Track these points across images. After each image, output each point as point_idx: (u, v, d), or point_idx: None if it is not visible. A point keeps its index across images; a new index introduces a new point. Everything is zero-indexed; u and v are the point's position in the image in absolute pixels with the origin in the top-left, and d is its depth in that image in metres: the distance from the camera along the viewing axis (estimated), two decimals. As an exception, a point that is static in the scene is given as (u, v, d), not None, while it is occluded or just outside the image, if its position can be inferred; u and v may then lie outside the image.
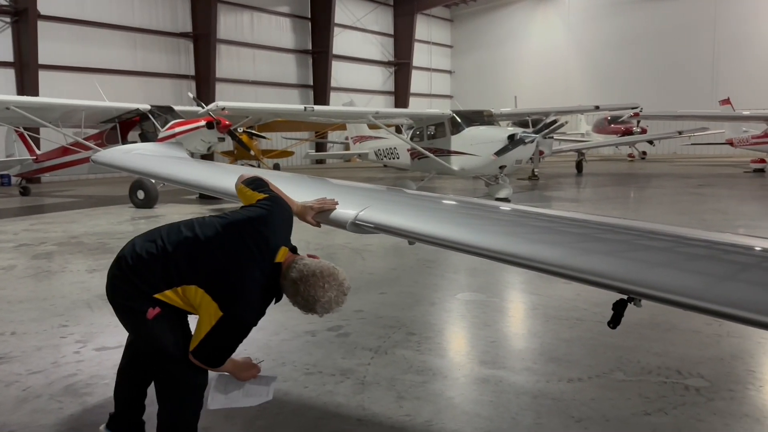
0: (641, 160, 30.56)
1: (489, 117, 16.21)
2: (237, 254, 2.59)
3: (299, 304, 2.58)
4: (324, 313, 2.59)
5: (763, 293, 1.97)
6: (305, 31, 32.27)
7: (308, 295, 2.52)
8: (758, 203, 13.78)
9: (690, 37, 33.11)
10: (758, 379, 3.92)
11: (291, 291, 2.57)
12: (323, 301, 2.53)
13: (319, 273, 2.54)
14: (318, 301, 2.52)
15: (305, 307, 2.57)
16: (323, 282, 2.52)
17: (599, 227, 2.82)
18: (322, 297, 2.52)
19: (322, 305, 2.54)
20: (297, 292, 2.54)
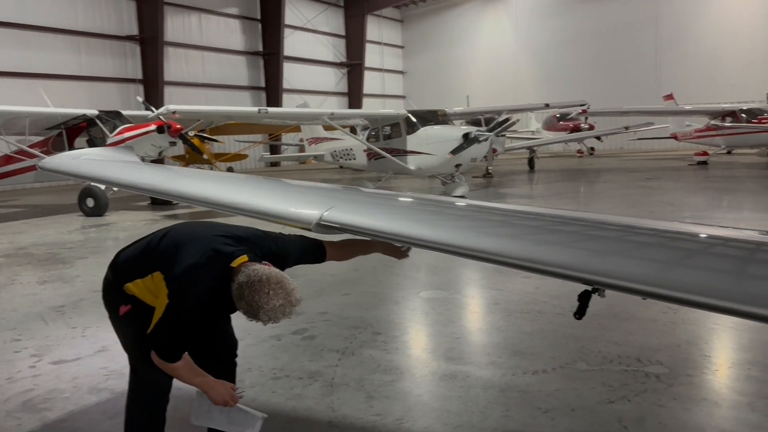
0: (590, 155, 31.34)
1: (443, 116, 16.37)
2: (199, 249, 2.64)
3: (243, 308, 2.50)
4: (268, 322, 2.50)
5: (708, 277, 2.05)
6: (255, 33, 31.92)
7: (252, 300, 2.44)
8: (703, 194, 14.31)
9: (633, 34, 34.15)
10: (713, 364, 4.07)
11: (236, 294, 2.50)
12: (267, 308, 2.44)
13: (266, 279, 2.47)
14: (261, 308, 2.44)
15: (248, 312, 2.49)
16: (269, 289, 2.45)
17: (552, 219, 2.85)
18: (266, 304, 2.44)
19: (265, 312, 2.45)
20: (241, 296, 2.47)
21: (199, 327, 2.64)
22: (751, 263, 2.26)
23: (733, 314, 1.89)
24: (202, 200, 3.51)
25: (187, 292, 2.54)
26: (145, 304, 2.66)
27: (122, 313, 2.70)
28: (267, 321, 2.49)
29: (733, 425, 3.21)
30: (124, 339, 2.83)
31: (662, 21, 33.41)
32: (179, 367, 2.56)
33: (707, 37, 32.10)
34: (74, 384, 4.06)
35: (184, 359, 2.57)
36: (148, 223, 12.22)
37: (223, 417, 2.69)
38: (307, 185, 3.87)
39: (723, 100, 25.82)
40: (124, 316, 2.71)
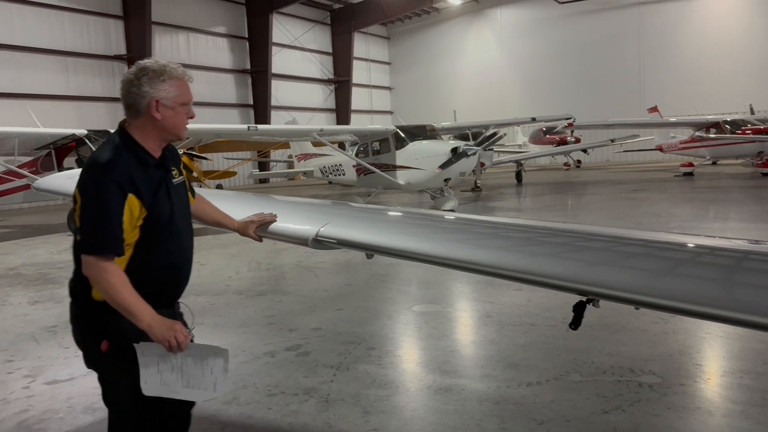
0: (576, 168, 31.58)
1: (432, 131, 16.49)
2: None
3: (166, 74, 2.26)
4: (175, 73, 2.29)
5: (698, 286, 2.10)
6: (243, 51, 32.04)
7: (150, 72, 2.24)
8: (690, 205, 14.46)
9: (617, 48, 34.58)
10: (705, 373, 4.12)
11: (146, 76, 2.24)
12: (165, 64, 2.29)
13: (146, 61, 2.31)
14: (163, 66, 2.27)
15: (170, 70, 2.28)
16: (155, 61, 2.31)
17: (542, 231, 2.89)
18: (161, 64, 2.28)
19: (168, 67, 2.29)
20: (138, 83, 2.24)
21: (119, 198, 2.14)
22: (740, 271, 2.32)
23: (724, 322, 1.94)
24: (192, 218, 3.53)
25: (90, 162, 2.22)
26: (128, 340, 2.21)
27: (104, 349, 2.24)
28: (178, 68, 2.32)
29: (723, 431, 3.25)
30: (116, 386, 2.29)
31: (645, 35, 33.89)
32: (111, 272, 2.11)
33: (690, 50, 32.59)
34: (69, 404, 4.04)
35: (117, 269, 2.14)
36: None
37: (176, 379, 2.19)
38: (299, 201, 3.91)
39: (707, 111, 26.16)
40: (108, 353, 2.24)
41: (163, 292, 2.37)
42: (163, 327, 2.13)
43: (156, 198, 2.26)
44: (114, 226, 2.13)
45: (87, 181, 2.18)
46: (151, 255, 2.29)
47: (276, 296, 6.95)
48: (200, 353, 2.21)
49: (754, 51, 30.79)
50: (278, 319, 5.99)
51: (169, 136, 2.36)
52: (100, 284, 2.13)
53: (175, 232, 2.36)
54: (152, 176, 2.28)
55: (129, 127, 2.32)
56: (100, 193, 2.13)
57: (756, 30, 30.93)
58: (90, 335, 2.28)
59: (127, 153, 2.24)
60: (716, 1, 32.16)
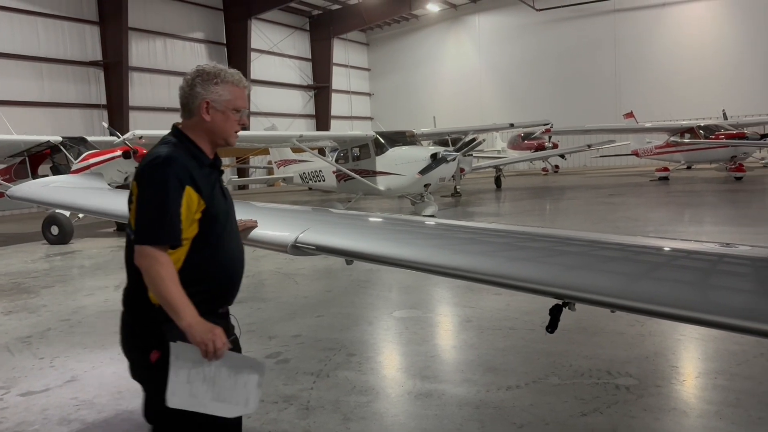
0: (554, 173, 31.90)
1: (411, 137, 16.56)
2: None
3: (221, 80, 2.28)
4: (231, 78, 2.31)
5: (674, 288, 2.14)
6: (221, 57, 31.87)
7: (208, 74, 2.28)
8: (666, 209, 14.68)
9: (593, 55, 35.04)
10: (681, 374, 4.18)
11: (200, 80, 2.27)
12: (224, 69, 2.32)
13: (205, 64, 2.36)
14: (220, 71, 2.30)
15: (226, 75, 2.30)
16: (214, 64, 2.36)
17: (520, 236, 2.93)
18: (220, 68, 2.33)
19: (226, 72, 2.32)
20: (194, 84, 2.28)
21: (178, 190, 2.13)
22: (714, 274, 2.36)
23: (699, 324, 1.97)
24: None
25: (150, 157, 2.23)
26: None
27: (154, 359, 2.13)
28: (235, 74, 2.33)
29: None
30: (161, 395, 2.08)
31: (620, 41, 34.40)
32: (162, 262, 2.08)
33: (664, 56, 33.14)
34: (44, 416, 3.97)
35: (169, 263, 2.10)
36: (115, 249, 12.02)
37: (206, 391, 2.05)
38: (278, 207, 3.90)
39: (681, 117, 26.60)
40: (157, 363, 2.11)
41: (219, 290, 2.32)
42: (203, 328, 2.04)
43: (213, 194, 2.27)
44: (172, 216, 2.12)
45: (145, 173, 2.19)
46: (209, 251, 2.26)
47: (255, 303, 6.91)
48: (236, 364, 2.10)
49: (726, 57, 31.42)
50: (258, 326, 5.95)
51: (218, 140, 2.35)
52: (149, 274, 2.09)
53: (231, 231, 2.37)
54: (208, 174, 2.30)
55: (183, 127, 2.36)
56: (159, 184, 2.14)
57: (728, 37, 31.58)
58: (141, 344, 2.21)
59: (183, 150, 2.27)
60: (689, 9, 32.77)
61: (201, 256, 2.24)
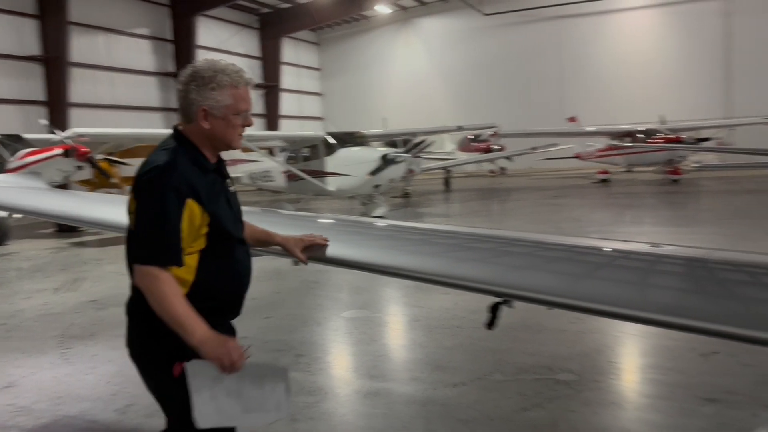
0: (501, 175, 32.49)
1: (361, 138, 16.62)
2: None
3: (217, 85, 2.08)
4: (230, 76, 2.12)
5: (613, 288, 2.24)
6: (167, 54, 31.17)
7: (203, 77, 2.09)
8: (606, 210, 15.18)
9: (539, 59, 35.87)
10: (619, 369, 4.36)
11: (195, 83, 2.09)
12: (221, 67, 2.13)
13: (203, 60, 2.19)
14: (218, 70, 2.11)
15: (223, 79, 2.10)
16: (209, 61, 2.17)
17: (468, 237, 2.99)
18: (217, 65, 2.14)
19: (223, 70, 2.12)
20: (188, 89, 2.10)
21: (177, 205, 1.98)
22: (652, 274, 2.48)
23: (638, 321, 2.06)
24: (113, 226, 3.42)
25: (147, 167, 2.06)
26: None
27: (177, 373, 1.99)
28: (234, 77, 2.12)
29: (637, 426, 3.45)
30: (185, 408, 1.95)
31: (565, 47, 35.33)
32: (164, 281, 1.95)
33: (606, 62, 34.22)
34: (-22, 425, 3.83)
35: (171, 279, 1.97)
36: (54, 251, 11.63)
37: (233, 405, 1.96)
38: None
39: (622, 121, 27.47)
40: (181, 376, 1.97)
41: (229, 303, 2.24)
42: (215, 343, 1.92)
43: (218, 204, 2.11)
44: (172, 234, 1.97)
45: (143, 185, 2.04)
46: (220, 264, 2.14)
47: (202, 305, 6.80)
48: (257, 373, 2.01)
49: (665, 64, 32.68)
50: (204, 328, 5.86)
51: (220, 145, 2.18)
52: (152, 294, 1.96)
53: (239, 240, 2.24)
54: (212, 181, 2.13)
55: (184, 130, 2.17)
56: (157, 198, 1.98)
57: (667, 45, 32.87)
58: (159, 358, 2.04)
59: (183, 155, 2.09)
60: (631, 16, 33.93)
61: (211, 269, 2.11)
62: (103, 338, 5.73)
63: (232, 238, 2.17)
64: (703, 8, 31.69)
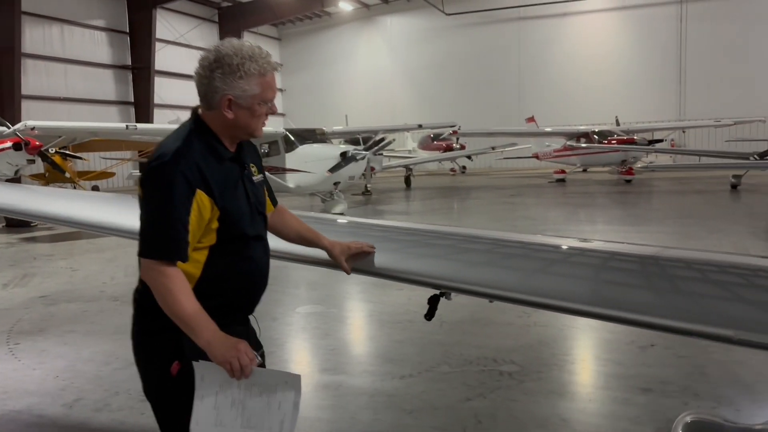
0: (462, 174, 32.88)
1: (322, 135, 16.62)
2: None
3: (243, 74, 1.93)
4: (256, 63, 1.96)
5: (566, 283, 2.34)
6: (124, 46, 30.56)
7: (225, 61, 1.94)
8: (560, 209, 15.54)
9: (499, 60, 36.39)
10: (561, 361, 4.53)
11: (219, 70, 1.94)
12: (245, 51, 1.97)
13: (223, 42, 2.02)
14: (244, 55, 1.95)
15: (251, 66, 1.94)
16: (231, 42, 2.00)
17: (428, 234, 3.03)
18: (241, 49, 1.97)
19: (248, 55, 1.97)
20: (211, 74, 1.95)
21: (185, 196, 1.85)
22: (605, 270, 2.59)
23: (587, 316, 2.18)
24: (65, 221, 3.41)
25: (156, 155, 1.91)
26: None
27: (175, 372, 1.93)
28: (261, 64, 1.97)
29: (573, 414, 3.61)
30: (181, 408, 1.88)
31: (524, 48, 35.93)
32: (172, 277, 1.84)
33: (564, 64, 34.93)
34: None
35: (179, 274, 1.85)
36: (3, 246, 11.34)
37: (234, 418, 1.82)
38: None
39: (578, 122, 28.12)
40: (178, 375, 1.92)
41: (239, 302, 2.10)
42: (225, 345, 1.80)
43: (233, 196, 1.98)
44: (179, 227, 1.84)
45: (150, 173, 1.89)
46: (230, 261, 2.00)
47: (155, 301, 6.77)
48: (267, 381, 1.84)
49: (620, 67, 33.53)
50: (157, 323, 5.85)
51: (242, 134, 2.05)
52: (157, 290, 1.85)
53: (255, 237, 2.08)
54: (228, 171, 1.99)
55: (203, 115, 2.03)
56: (164, 189, 1.85)
57: (623, 48, 33.72)
58: (155, 355, 1.97)
59: (198, 142, 1.95)
60: (589, 19, 34.68)
61: (219, 266, 1.98)
62: (53, 334, 5.67)
63: (245, 236, 2.03)
64: (659, 13, 32.64)
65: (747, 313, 2.05)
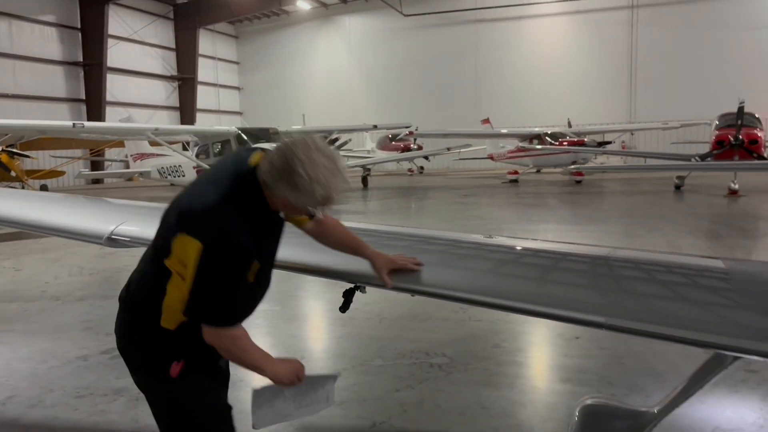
0: (419, 174, 33.17)
1: (275, 134, 16.62)
2: (208, 175, 2.10)
3: (289, 190, 1.88)
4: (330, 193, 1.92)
5: (515, 283, 2.47)
6: (75, 42, 29.89)
7: (298, 169, 1.84)
8: (511, 209, 15.88)
9: (456, 62, 36.86)
10: (489, 353, 4.71)
11: (275, 177, 1.89)
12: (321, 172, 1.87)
13: (304, 141, 1.91)
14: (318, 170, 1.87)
15: (299, 191, 1.87)
16: (314, 148, 1.89)
17: (385, 235, 3.08)
18: (317, 166, 1.87)
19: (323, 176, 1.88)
20: (282, 175, 1.87)
21: (247, 267, 1.95)
22: (555, 271, 2.67)
23: (534, 315, 2.28)
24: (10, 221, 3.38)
25: (222, 220, 1.90)
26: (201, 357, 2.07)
27: (176, 372, 2.04)
28: (329, 191, 1.90)
29: (494, 402, 3.79)
30: (181, 408, 2.11)
31: (481, 51, 36.49)
32: (241, 337, 1.98)
33: (519, 67, 35.61)
34: None
35: (244, 332, 2.00)
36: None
37: (290, 405, 2.18)
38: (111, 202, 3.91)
39: (532, 124, 28.73)
40: (180, 376, 2.04)
41: None
42: (288, 372, 2.08)
43: (272, 252, 2.13)
44: (242, 297, 1.98)
45: (212, 242, 1.87)
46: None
47: (97, 301, 6.73)
48: (312, 382, 2.21)
49: (574, 70, 34.36)
50: (96, 323, 5.84)
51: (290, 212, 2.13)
52: (231, 352, 2.00)
53: (268, 273, 2.18)
54: (272, 228, 2.11)
55: (260, 177, 1.96)
56: (228, 266, 1.91)
57: (576, 52, 34.55)
58: (156, 360, 2.06)
59: (251, 204, 1.98)
60: (543, 23, 35.42)
61: None
62: (-12, 334, 5.60)
63: (263, 276, 2.12)
64: (611, 18, 33.54)
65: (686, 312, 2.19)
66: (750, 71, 28.44)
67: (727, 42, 30.19)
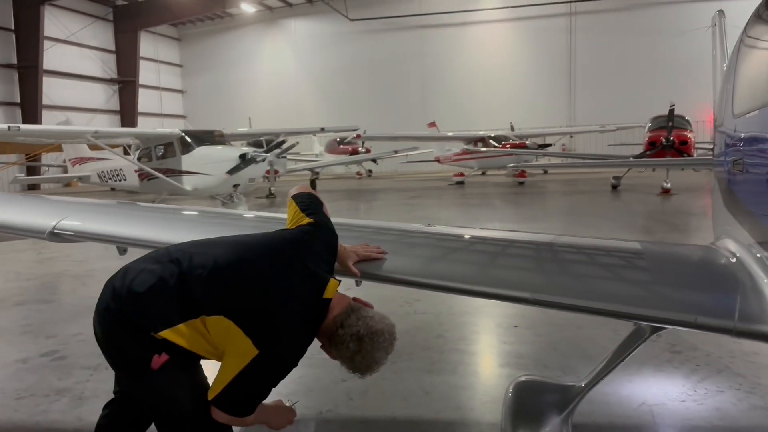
0: (368, 177, 33.35)
1: (220, 137, 16.46)
2: (278, 281, 2.19)
3: (350, 361, 2.24)
4: (369, 374, 2.32)
5: (463, 267, 2.65)
6: (8, 44, 28.80)
7: (371, 356, 2.21)
8: (458, 209, 16.20)
9: (402, 66, 37.28)
10: (432, 343, 4.86)
11: (350, 346, 2.20)
12: (381, 363, 2.28)
13: (387, 332, 2.27)
14: (378, 363, 2.25)
15: (358, 366, 2.25)
16: (388, 343, 2.26)
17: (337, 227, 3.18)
18: (382, 359, 2.26)
19: (378, 366, 2.28)
20: (360, 349, 2.19)
21: (286, 372, 2.23)
22: (502, 256, 2.86)
23: (481, 296, 2.50)
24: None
25: (287, 339, 2.13)
26: (183, 350, 2.13)
27: (157, 365, 2.08)
28: (369, 374, 2.32)
29: (436, 387, 3.93)
30: (159, 396, 2.18)
31: (427, 56, 37.00)
32: (247, 418, 2.21)
33: (464, 72, 36.29)
34: None
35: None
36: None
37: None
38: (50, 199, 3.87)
39: (477, 127, 29.30)
40: (161, 368, 2.09)
41: None
42: (282, 417, 2.45)
43: None
44: (265, 396, 2.24)
45: (270, 352, 2.10)
46: None
47: (35, 305, 6.57)
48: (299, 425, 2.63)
49: (516, 75, 35.26)
50: (36, 327, 5.71)
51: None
52: (234, 428, 2.27)
53: None
54: None
55: (331, 306, 2.31)
56: (275, 371, 2.18)
57: (518, 58, 35.47)
58: (136, 355, 2.11)
59: (313, 330, 2.32)
60: (486, 29, 36.21)
61: None
62: None
63: None
64: (550, 25, 34.59)
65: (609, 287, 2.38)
66: (682, 75, 29.80)
67: (660, 47, 31.57)
